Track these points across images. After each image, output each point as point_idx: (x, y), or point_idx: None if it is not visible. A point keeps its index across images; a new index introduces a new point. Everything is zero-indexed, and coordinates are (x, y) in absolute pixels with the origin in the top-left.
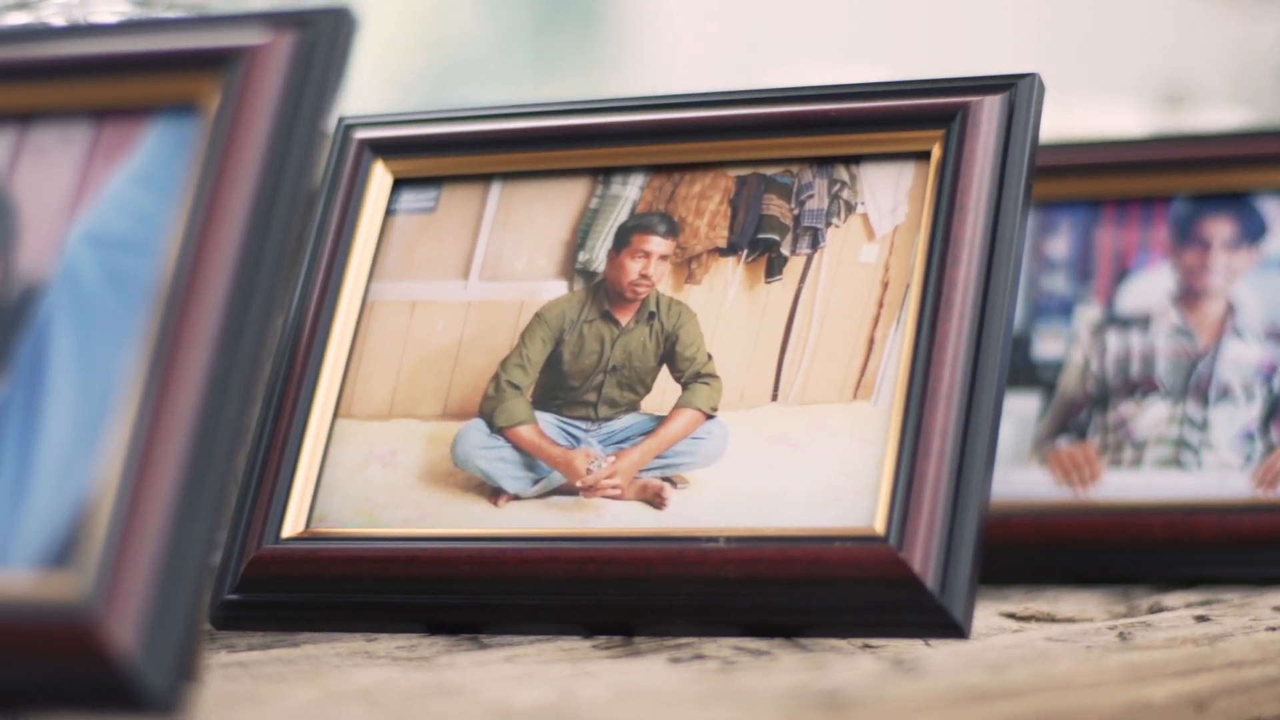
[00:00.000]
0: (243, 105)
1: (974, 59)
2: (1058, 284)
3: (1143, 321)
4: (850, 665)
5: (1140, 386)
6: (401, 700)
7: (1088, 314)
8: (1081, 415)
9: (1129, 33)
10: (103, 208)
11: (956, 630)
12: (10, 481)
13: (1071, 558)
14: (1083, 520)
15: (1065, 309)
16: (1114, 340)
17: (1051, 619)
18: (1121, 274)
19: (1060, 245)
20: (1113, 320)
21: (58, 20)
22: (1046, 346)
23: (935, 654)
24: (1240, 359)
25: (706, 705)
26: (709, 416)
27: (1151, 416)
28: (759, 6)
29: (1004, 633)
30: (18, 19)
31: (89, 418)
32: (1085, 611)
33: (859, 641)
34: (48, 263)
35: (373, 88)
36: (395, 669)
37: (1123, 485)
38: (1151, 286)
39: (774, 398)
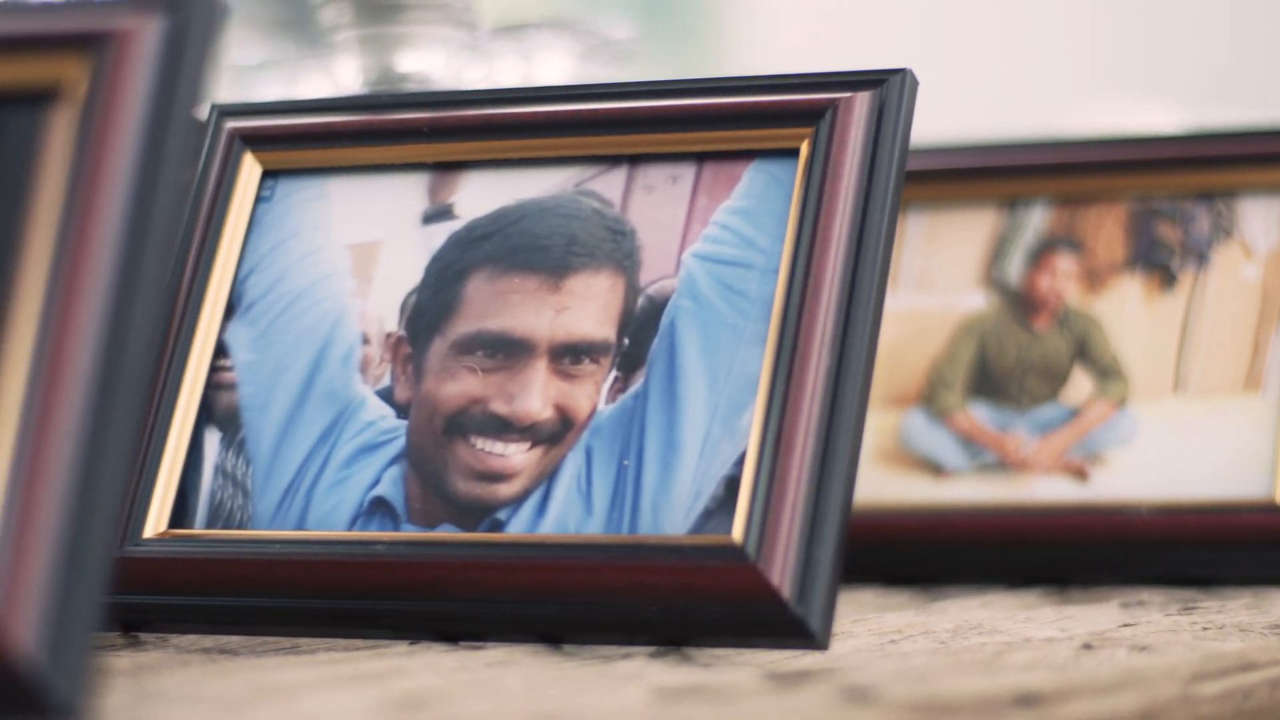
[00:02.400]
0: (833, 151)
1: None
2: None
3: None
4: None
5: None
6: (997, 627)
7: None
8: None
9: None
10: (711, 234)
11: None
12: (660, 456)
13: None
14: None
15: None
16: None
17: None
18: None
19: None
20: None
21: (511, 72)
22: None
23: None
24: None
25: (1215, 636)
26: (1119, 407)
27: None
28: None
29: None
30: (474, 74)
31: (720, 404)
32: None
33: (1247, 590)
34: (667, 278)
35: None
36: (920, 614)
37: None
38: None
39: (1174, 390)
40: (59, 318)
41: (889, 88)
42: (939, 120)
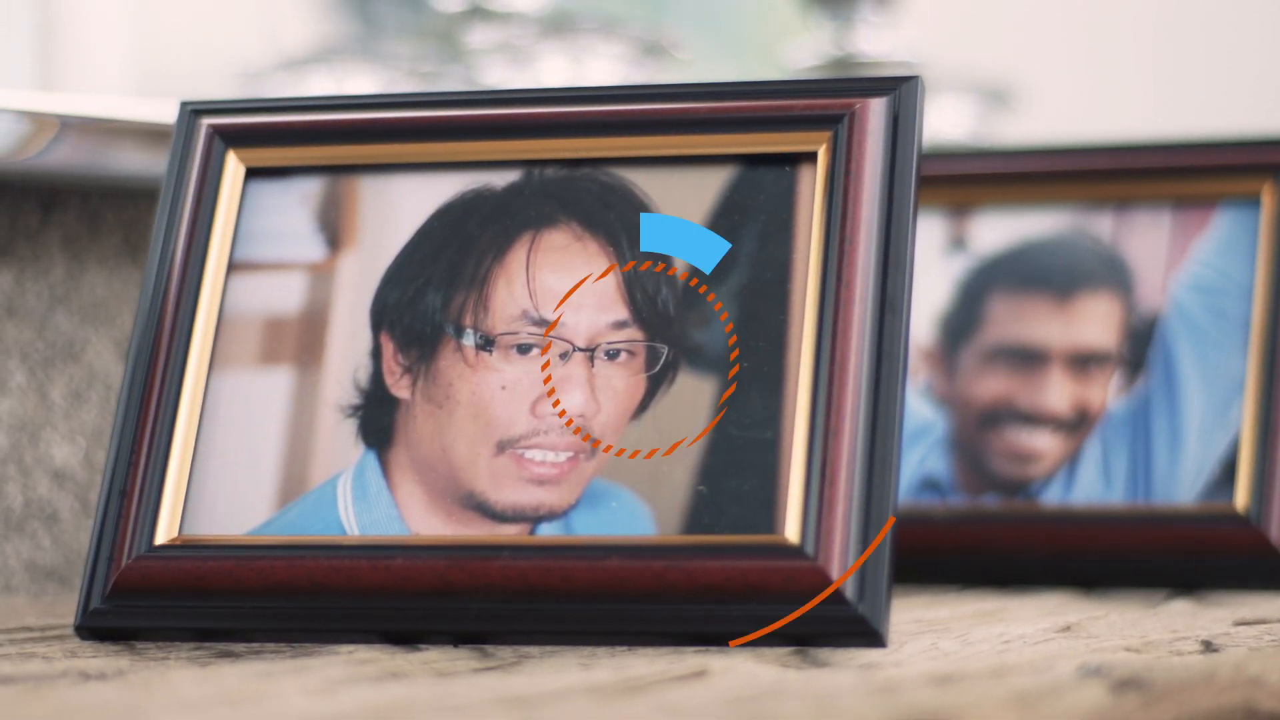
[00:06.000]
0: None
1: None
2: None
3: None
4: None
5: None
6: None
7: None
8: None
9: None
10: (1190, 267)
11: None
12: (1166, 442)
13: None
14: None
15: None
16: None
17: None
18: None
19: None
20: None
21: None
22: None
23: None
24: None
25: None
26: None
27: None
28: None
29: None
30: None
31: (1211, 401)
32: None
33: None
34: (1158, 301)
35: None
36: None
37: None
38: None
39: None
40: (835, 324)
41: None
42: None
